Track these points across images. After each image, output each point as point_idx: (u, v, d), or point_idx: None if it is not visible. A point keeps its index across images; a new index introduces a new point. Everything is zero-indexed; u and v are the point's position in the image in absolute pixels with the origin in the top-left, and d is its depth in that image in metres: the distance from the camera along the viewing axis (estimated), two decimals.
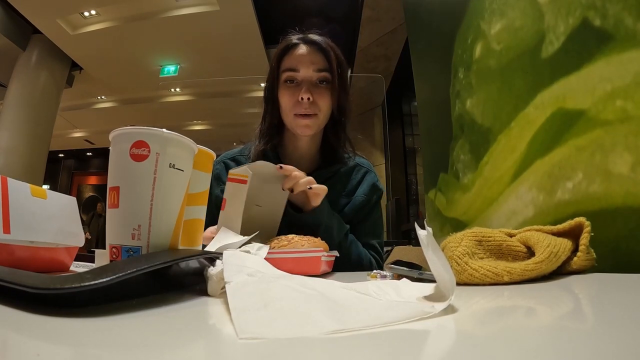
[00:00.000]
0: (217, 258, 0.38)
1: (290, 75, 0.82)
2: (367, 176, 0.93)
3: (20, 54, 5.26)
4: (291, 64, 0.82)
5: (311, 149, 0.91)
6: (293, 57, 0.82)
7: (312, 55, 0.82)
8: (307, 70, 0.81)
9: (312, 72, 0.81)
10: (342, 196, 0.89)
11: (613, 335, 0.22)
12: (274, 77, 0.85)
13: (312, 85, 0.81)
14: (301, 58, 0.81)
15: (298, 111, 0.81)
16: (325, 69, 0.82)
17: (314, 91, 0.81)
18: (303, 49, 0.82)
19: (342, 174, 0.90)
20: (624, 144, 0.62)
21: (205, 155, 0.54)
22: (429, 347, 0.21)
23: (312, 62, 0.81)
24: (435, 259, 0.31)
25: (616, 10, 0.64)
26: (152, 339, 0.21)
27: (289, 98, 0.82)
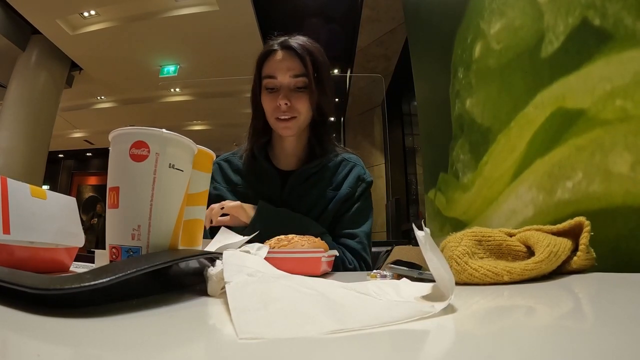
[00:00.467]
0: (217, 258, 0.38)
1: (269, 82, 0.86)
2: (354, 170, 0.95)
3: (20, 55, 5.26)
4: (270, 70, 0.86)
5: (297, 148, 0.95)
6: (271, 64, 0.86)
7: (288, 61, 0.85)
8: (284, 76, 0.85)
9: (289, 79, 0.85)
10: (329, 191, 0.91)
11: (613, 334, 0.22)
12: (255, 85, 0.90)
13: (290, 91, 0.85)
14: (278, 65, 0.85)
15: (278, 116, 0.86)
16: (301, 74, 0.85)
17: (292, 96, 0.85)
18: (280, 55, 0.86)
19: (328, 168, 0.94)
20: (623, 143, 0.62)
21: (205, 155, 0.54)
22: (428, 347, 0.21)
23: (288, 68, 0.85)
24: (435, 259, 0.31)
25: (616, 10, 0.64)
26: (152, 339, 0.21)
27: (269, 104, 0.87)
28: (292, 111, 0.85)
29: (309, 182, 0.92)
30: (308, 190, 0.91)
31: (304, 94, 0.86)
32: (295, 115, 0.86)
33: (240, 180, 0.95)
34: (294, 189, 0.91)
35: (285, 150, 0.95)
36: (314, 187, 0.91)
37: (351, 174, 0.94)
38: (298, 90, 0.86)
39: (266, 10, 4.94)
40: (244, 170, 0.95)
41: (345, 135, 7.07)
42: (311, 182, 0.92)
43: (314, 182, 0.92)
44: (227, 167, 0.98)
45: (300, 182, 0.91)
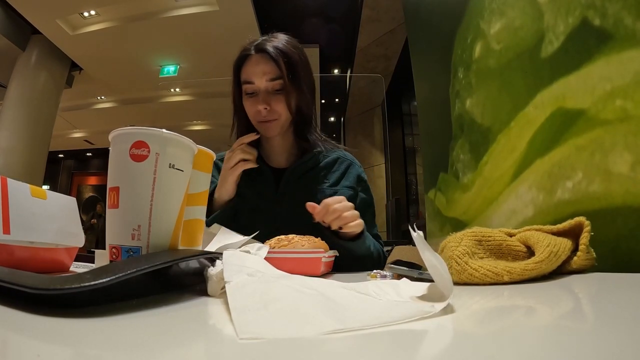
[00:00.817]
0: (217, 258, 0.38)
1: (248, 87, 0.87)
2: (352, 168, 0.96)
3: (20, 55, 5.26)
4: (247, 76, 0.87)
5: (285, 145, 0.96)
6: (247, 69, 0.87)
7: (263, 65, 0.85)
8: (260, 81, 0.86)
9: (265, 83, 0.86)
10: (326, 187, 0.92)
11: (613, 334, 0.22)
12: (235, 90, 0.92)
13: (268, 94, 0.86)
14: (254, 70, 0.86)
15: (259, 119, 0.87)
16: (277, 77, 0.85)
17: (271, 99, 0.86)
18: (255, 60, 0.86)
19: (325, 165, 0.94)
20: (623, 143, 0.62)
21: (205, 155, 0.54)
22: (428, 347, 0.21)
23: (264, 72, 0.85)
24: (432, 259, 0.31)
25: (616, 10, 0.64)
26: (152, 339, 0.21)
27: (250, 108, 0.88)
28: (272, 114, 0.87)
29: (303, 179, 0.92)
30: (303, 187, 0.91)
31: (282, 96, 0.87)
32: (275, 117, 0.87)
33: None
34: (288, 185, 0.91)
35: (274, 149, 0.96)
36: (309, 183, 0.92)
37: (349, 174, 0.95)
38: (276, 93, 0.87)
39: (266, 10, 4.95)
40: None
41: (345, 135, 7.08)
42: (306, 179, 0.93)
43: (309, 179, 0.93)
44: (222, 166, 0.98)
45: (294, 179, 0.92)
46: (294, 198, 0.90)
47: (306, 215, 0.88)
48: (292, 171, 0.92)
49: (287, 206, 0.89)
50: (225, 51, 5.50)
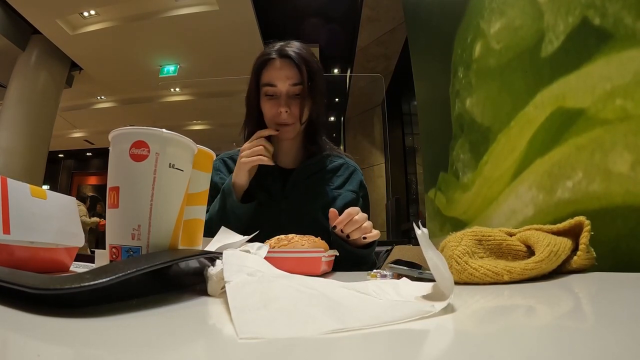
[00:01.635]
0: (217, 258, 0.38)
1: (269, 90, 0.90)
2: (355, 174, 1.01)
3: (20, 54, 5.26)
4: (269, 79, 0.90)
5: (293, 147, 1.00)
6: (270, 72, 0.90)
7: (286, 70, 0.89)
8: (283, 84, 0.89)
9: (287, 87, 0.89)
10: (331, 190, 0.97)
11: (613, 334, 0.22)
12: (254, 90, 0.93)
13: (289, 98, 0.90)
14: (277, 73, 0.89)
15: (278, 121, 0.90)
16: (299, 82, 0.89)
17: (291, 103, 0.90)
18: (278, 64, 0.90)
19: (331, 169, 0.99)
20: (623, 143, 0.62)
21: (205, 155, 0.54)
22: (428, 347, 0.21)
23: (287, 77, 0.89)
24: (434, 258, 0.31)
25: (616, 9, 0.64)
26: (152, 339, 0.21)
27: (269, 110, 0.91)
28: (291, 117, 0.90)
29: (310, 180, 0.96)
30: (310, 188, 0.95)
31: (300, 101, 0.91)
32: (293, 121, 0.91)
33: None
34: (295, 185, 0.94)
35: (282, 149, 0.99)
36: (315, 184, 0.96)
37: (353, 179, 1.00)
38: (295, 97, 0.90)
39: (266, 10, 4.95)
40: None
41: (345, 134, 7.07)
42: (313, 180, 0.96)
43: (315, 180, 0.96)
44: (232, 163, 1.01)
45: (302, 179, 0.95)
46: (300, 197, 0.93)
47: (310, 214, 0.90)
48: (300, 171, 0.96)
49: (292, 205, 0.93)
50: (225, 51, 5.53)
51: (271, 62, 0.90)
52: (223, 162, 1.04)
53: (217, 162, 1.03)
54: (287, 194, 0.94)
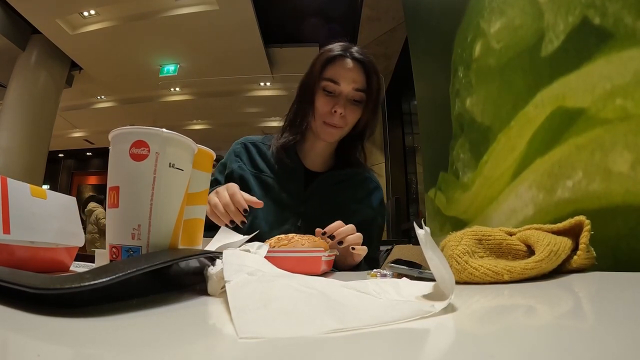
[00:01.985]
0: (217, 257, 0.38)
1: (329, 85, 0.86)
2: (377, 192, 0.99)
3: (20, 54, 5.26)
4: (334, 75, 0.86)
5: (327, 151, 0.96)
6: (337, 69, 0.86)
7: (355, 72, 0.86)
8: (347, 85, 0.85)
9: (350, 89, 0.85)
10: (352, 203, 0.93)
11: (613, 334, 0.22)
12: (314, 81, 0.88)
13: (347, 101, 0.86)
14: (345, 73, 0.85)
15: (328, 121, 0.86)
16: (363, 89, 0.86)
17: (347, 107, 0.86)
18: (349, 64, 0.86)
19: (355, 182, 0.96)
20: (623, 142, 0.62)
21: (205, 154, 0.54)
22: (429, 346, 0.21)
23: (353, 79, 0.85)
24: (435, 258, 0.31)
25: (616, 9, 0.64)
26: (152, 339, 0.21)
27: (324, 106, 0.86)
28: (342, 121, 0.86)
29: (334, 188, 0.93)
30: (332, 195, 0.92)
31: (358, 108, 0.87)
32: (342, 125, 0.87)
33: (266, 168, 0.94)
34: (318, 189, 0.92)
35: (314, 150, 0.95)
36: (338, 194, 0.93)
37: (375, 196, 0.98)
38: (354, 103, 0.87)
39: (266, 9, 4.94)
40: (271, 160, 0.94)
41: None
42: (336, 189, 0.93)
43: (338, 190, 0.93)
44: (255, 152, 0.96)
45: (326, 185, 0.92)
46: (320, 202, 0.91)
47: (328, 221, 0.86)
48: (327, 177, 0.93)
49: (312, 208, 0.90)
50: (225, 50, 5.53)
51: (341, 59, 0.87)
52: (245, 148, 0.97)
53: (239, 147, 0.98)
54: (308, 198, 0.91)
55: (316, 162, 0.96)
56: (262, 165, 0.94)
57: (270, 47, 5.71)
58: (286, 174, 0.92)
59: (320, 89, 0.87)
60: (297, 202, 0.90)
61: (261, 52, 5.59)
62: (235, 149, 0.98)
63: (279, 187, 0.91)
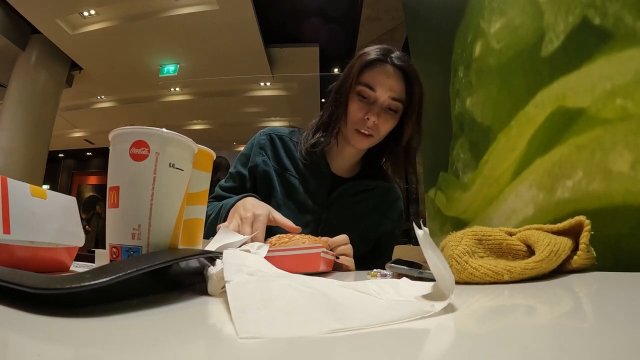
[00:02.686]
0: (217, 257, 0.38)
1: (365, 91, 0.81)
2: (398, 203, 0.96)
3: (20, 54, 5.25)
4: (371, 80, 0.81)
5: (354, 157, 0.92)
6: (375, 75, 0.81)
7: (393, 80, 0.81)
8: (383, 93, 0.81)
9: (386, 97, 0.81)
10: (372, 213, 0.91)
11: (613, 334, 0.22)
12: (350, 84, 0.83)
13: (382, 109, 0.81)
14: (382, 79, 0.81)
15: (359, 128, 0.82)
16: (399, 99, 0.82)
17: (381, 115, 0.81)
18: (388, 70, 0.81)
19: (378, 193, 0.92)
20: (624, 142, 0.62)
21: (205, 154, 0.54)
22: (429, 346, 0.21)
23: (391, 88, 0.81)
24: (434, 258, 0.31)
25: (616, 9, 0.64)
26: (152, 339, 0.21)
27: (356, 112, 0.82)
28: (375, 130, 0.82)
29: (357, 197, 0.90)
30: (355, 205, 0.89)
31: (393, 118, 0.83)
32: (374, 134, 0.83)
33: (291, 166, 0.90)
34: (342, 196, 0.89)
35: (342, 155, 0.91)
36: (360, 203, 0.90)
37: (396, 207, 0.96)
38: (388, 111, 0.82)
39: (266, 9, 4.94)
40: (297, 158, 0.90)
41: None
42: (359, 198, 0.90)
43: (361, 199, 0.91)
44: (280, 146, 0.92)
45: (350, 193, 0.90)
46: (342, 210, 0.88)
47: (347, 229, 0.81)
48: (353, 185, 0.90)
49: (334, 215, 0.87)
50: (225, 50, 5.52)
51: (381, 65, 0.82)
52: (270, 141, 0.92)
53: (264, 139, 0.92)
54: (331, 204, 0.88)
55: (342, 167, 0.92)
56: (287, 163, 0.90)
57: (270, 47, 5.71)
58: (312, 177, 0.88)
59: (355, 93, 0.83)
60: (319, 207, 0.87)
61: (261, 52, 5.59)
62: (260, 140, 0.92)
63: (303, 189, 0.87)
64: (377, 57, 0.82)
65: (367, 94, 0.81)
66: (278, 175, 0.89)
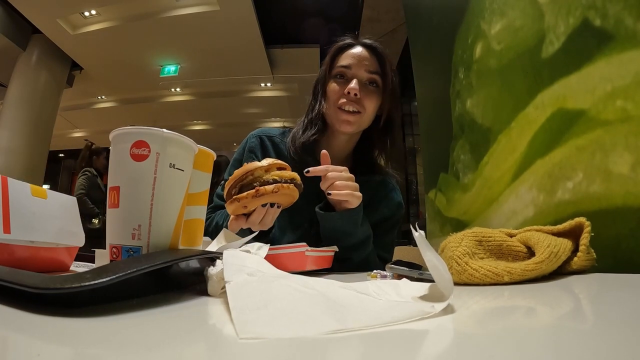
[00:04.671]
0: (217, 258, 0.38)
1: (341, 71, 0.83)
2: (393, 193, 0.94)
3: (21, 54, 5.25)
4: (345, 61, 0.84)
5: (345, 150, 0.90)
6: (347, 55, 0.84)
7: (366, 57, 0.84)
8: (359, 69, 0.83)
9: (363, 72, 0.83)
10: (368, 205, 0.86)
11: (613, 335, 0.22)
12: (325, 73, 0.86)
13: (361, 84, 0.82)
14: (355, 57, 0.83)
15: (343, 105, 0.81)
16: (376, 71, 0.83)
17: (362, 90, 0.81)
18: (358, 49, 0.85)
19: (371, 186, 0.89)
20: (624, 143, 0.62)
21: (205, 155, 0.54)
22: (428, 347, 0.21)
23: (365, 62, 0.83)
24: (433, 259, 0.31)
25: (616, 10, 0.64)
26: (152, 339, 0.21)
27: (337, 91, 0.83)
28: (358, 104, 0.81)
29: None
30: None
31: (374, 93, 0.83)
32: (360, 110, 0.82)
33: None
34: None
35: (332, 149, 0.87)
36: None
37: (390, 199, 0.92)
38: (369, 86, 0.83)
39: (267, 10, 4.94)
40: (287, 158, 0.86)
41: None
42: None
43: None
44: (270, 147, 0.91)
45: None
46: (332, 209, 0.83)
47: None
48: None
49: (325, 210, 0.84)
50: (225, 51, 5.53)
51: (351, 47, 0.85)
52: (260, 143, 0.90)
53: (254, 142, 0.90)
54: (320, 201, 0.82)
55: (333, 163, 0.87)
56: None
57: (271, 47, 5.71)
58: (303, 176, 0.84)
59: (332, 77, 0.84)
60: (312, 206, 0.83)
61: (262, 53, 5.59)
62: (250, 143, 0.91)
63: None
64: (348, 42, 0.86)
65: (344, 73, 0.83)
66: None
